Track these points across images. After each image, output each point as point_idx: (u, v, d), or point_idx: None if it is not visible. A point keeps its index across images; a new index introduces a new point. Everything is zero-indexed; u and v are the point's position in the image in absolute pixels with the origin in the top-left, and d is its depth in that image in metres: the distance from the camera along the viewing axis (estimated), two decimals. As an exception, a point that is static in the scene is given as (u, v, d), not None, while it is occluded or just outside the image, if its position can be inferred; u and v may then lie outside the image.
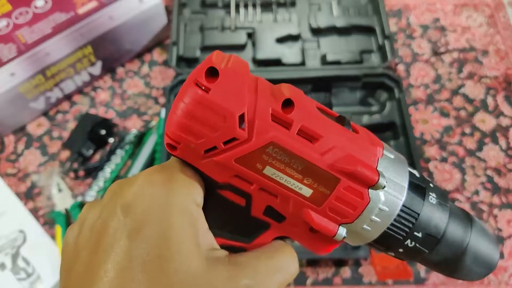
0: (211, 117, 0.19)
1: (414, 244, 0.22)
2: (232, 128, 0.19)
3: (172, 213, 0.19)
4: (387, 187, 0.21)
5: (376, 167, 0.21)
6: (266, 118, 0.20)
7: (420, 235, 0.22)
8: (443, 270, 0.24)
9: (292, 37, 0.72)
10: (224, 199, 0.22)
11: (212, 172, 0.21)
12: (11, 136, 0.69)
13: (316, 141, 0.20)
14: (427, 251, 0.23)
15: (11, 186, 0.64)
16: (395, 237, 0.22)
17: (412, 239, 0.22)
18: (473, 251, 0.23)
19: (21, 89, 0.63)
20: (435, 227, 0.22)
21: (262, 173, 0.20)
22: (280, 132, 0.20)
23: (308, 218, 0.21)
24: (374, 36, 0.72)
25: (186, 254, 0.19)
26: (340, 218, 0.22)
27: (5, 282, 0.57)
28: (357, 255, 0.56)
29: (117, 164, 0.64)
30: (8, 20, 0.63)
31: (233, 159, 0.20)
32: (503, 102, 0.71)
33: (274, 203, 0.22)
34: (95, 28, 0.65)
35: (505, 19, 0.79)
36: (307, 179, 0.21)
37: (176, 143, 0.20)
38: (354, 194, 0.21)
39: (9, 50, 0.62)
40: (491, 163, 0.66)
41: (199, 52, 0.70)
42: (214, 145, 0.20)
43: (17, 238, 0.59)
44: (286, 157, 0.20)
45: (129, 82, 0.73)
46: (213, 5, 0.75)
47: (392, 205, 0.21)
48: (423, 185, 0.23)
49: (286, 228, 0.23)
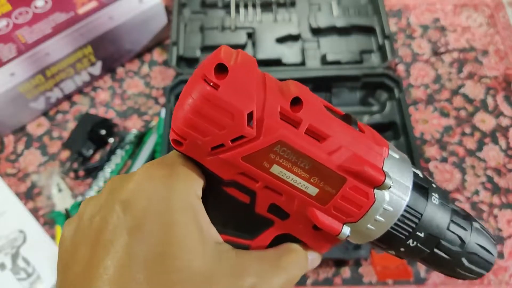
0: (219, 114, 0.19)
1: (416, 244, 0.22)
2: (241, 126, 0.19)
3: (174, 209, 0.19)
4: (392, 187, 0.21)
5: (382, 167, 0.21)
6: (275, 116, 0.20)
7: (422, 235, 0.22)
8: (443, 270, 0.24)
9: (292, 37, 0.72)
10: (228, 196, 0.22)
11: (217, 169, 0.21)
12: (11, 136, 0.69)
13: (323, 141, 0.20)
14: (428, 251, 0.23)
15: (11, 186, 0.64)
16: (398, 236, 0.22)
17: (414, 239, 0.22)
18: (473, 251, 0.23)
19: (21, 89, 0.63)
20: (437, 227, 0.22)
21: (269, 171, 0.20)
22: (288, 131, 0.20)
23: (313, 216, 0.21)
24: (374, 36, 0.72)
25: (189, 251, 0.18)
26: (344, 217, 0.22)
27: (5, 282, 0.56)
28: (357, 255, 0.56)
29: (117, 164, 0.64)
30: (8, 20, 0.63)
31: (240, 157, 0.20)
32: (503, 102, 0.71)
33: (279, 201, 0.22)
34: (95, 28, 0.65)
35: (505, 19, 0.79)
36: (313, 178, 0.21)
37: (182, 139, 0.20)
38: (359, 193, 0.21)
39: (9, 50, 0.62)
40: (491, 163, 0.66)
41: (199, 52, 0.70)
42: (222, 142, 0.19)
43: (17, 238, 0.59)
44: (293, 156, 0.20)
45: (129, 82, 0.73)
46: (213, 5, 0.75)
47: (396, 205, 0.22)
48: (426, 186, 0.23)
49: (290, 225, 0.23)
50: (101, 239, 0.19)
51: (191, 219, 0.19)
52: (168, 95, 0.65)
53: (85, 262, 0.18)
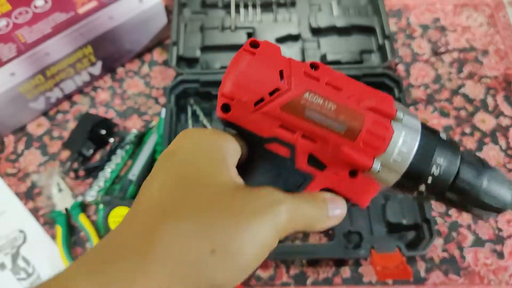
0: (258, 74, 0.25)
1: (439, 172, 0.25)
2: (275, 80, 0.25)
3: (205, 146, 0.24)
4: (405, 120, 0.25)
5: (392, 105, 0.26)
6: (300, 74, 0.25)
7: (442, 160, 0.25)
8: (467, 202, 0.26)
9: (292, 37, 0.72)
10: (271, 154, 0.26)
11: (259, 126, 0.25)
12: (11, 136, 0.69)
13: (341, 90, 0.25)
14: (451, 181, 0.26)
15: (11, 186, 0.64)
16: (422, 166, 0.25)
17: (436, 165, 0.25)
18: (489, 188, 0.26)
19: (21, 89, 0.63)
20: (454, 152, 0.26)
21: (303, 116, 0.25)
22: (312, 83, 0.25)
23: (346, 154, 0.25)
24: (374, 36, 0.72)
25: (215, 172, 0.23)
26: (373, 151, 0.25)
27: (5, 282, 0.57)
28: (357, 255, 0.56)
29: (117, 164, 0.64)
30: (8, 20, 0.63)
31: (278, 107, 0.25)
32: (503, 102, 0.71)
33: (315, 149, 0.26)
34: (95, 28, 0.65)
35: (505, 19, 0.79)
36: (339, 118, 0.25)
37: (230, 100, 0.25)
38: (380, 126, 0.25)
39: (9, 50, 0.62)
40: (491, 163, 0.66)
41: (199, 52, 0.70)
42: (262, 96, 0.25)
43: (17, 238, 0.59)
44: (320, 99, 0.25)
45: (129, 82, 0.73)
46: (213, 5, 0.75)
47: (412, 135, 0.25)
48: (432, 128, 0.27)
49: (328, 177, 0.26)
50: (152, 169, 0.24)
51: (219, 156, 0.23)
52: (168, 95, 0.65)
53: (142, 187, 0.24)
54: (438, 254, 0.59)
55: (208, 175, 0.23)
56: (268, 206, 0.22)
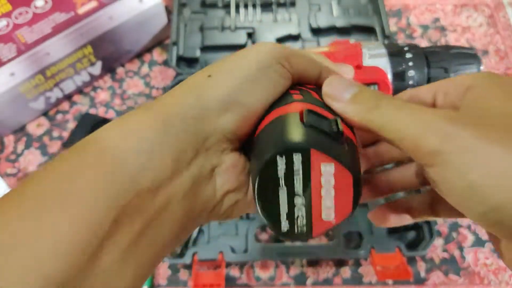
0: None
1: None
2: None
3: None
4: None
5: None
6: None
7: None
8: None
9: (292, 37, 0.72)
10: None
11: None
12: (11, 136, 0.69)
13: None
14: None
15: (11, 186, 0.64)
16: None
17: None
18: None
19: (21, 89, 0.63)
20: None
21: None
22: None
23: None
24: (374, 36, 0.72)
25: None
26: None
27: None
28: (357, 255, 0.56)
29: (117, 164, 0.64)
30: (8, 20, 0.63)
31: None
32: (503, 102, 0.71)
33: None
34: (95, 28, 0.65)
35: (505, 19, 0.79)
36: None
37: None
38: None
39: (9, 50, 0.62)
40: (491, 163, 0.66)
41: (199, 52, 0.70)
42: None
43: (17, 238, 0.59)
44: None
45: (129, 82, 0.73)
46: (213, 5, 0.75)
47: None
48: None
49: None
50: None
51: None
52: (168, 95, 0.65)
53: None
54: (438, 254, 0.59)
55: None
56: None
